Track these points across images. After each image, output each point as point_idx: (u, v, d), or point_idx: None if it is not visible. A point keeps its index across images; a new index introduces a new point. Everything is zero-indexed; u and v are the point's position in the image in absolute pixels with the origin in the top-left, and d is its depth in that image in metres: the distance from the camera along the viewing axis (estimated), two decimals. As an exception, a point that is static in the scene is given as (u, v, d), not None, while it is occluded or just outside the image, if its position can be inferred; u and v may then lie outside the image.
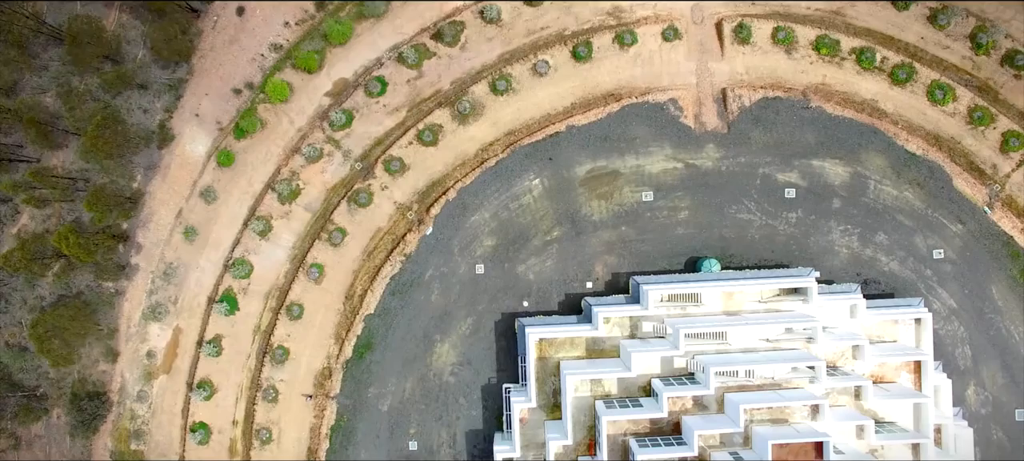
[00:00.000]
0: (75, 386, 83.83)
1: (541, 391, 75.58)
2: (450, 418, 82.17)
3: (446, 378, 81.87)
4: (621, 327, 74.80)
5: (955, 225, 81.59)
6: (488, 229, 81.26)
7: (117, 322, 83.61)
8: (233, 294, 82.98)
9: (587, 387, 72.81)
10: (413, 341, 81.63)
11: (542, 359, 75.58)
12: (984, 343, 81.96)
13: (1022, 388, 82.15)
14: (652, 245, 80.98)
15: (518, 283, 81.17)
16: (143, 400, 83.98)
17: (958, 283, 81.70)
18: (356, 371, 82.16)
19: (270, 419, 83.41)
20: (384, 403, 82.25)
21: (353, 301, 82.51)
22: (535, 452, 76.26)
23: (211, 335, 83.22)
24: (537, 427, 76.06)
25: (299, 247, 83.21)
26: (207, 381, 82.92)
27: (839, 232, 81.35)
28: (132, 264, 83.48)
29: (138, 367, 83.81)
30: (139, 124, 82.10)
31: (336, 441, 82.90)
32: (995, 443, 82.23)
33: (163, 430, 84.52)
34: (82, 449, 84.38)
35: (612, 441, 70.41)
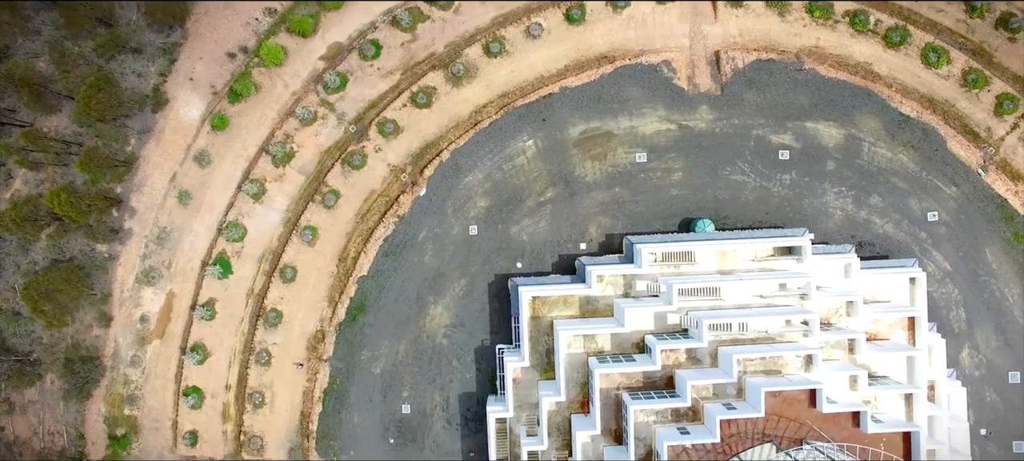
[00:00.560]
0: (68, 351, 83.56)
1: (534, 351, 75.29)
2: (443, 381, 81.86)
3: (439, 340, 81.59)
4: (615, 286, 74.53)
5: (949, 187, 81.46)
6: (482, 190, 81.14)
7: (110, 287, 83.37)
8: (226, 257, 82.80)
9: (580, 344, 72.51)
10: (406, 303, 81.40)
11: (535, 318, 75.33)
12: (978, 306, 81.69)
13: (1016, 351, 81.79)
14: (646, 206, 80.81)
15: (512, 244, 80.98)
16: (136, 365, 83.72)
17: (952, 245, 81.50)
18: (349, 333, 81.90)
19: (263, 383, 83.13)
20: (377, 366, 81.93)
21: (346, 263, 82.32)
22: (528, 412, 75.92)
23: (204, 299, 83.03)
24: (530, 387, 75.72)
25: (293, 210, 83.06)
26: (200, 345, 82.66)
27: (833, 194, 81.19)
28: (125, 228, 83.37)
29: (131, 332, 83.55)
30: (133, 88, 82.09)
31: (329, 404, 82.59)
32: (989, 405, 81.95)
33: (156, 395, 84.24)
34: (75, 414, 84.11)
35: (605, 395, 70.10)
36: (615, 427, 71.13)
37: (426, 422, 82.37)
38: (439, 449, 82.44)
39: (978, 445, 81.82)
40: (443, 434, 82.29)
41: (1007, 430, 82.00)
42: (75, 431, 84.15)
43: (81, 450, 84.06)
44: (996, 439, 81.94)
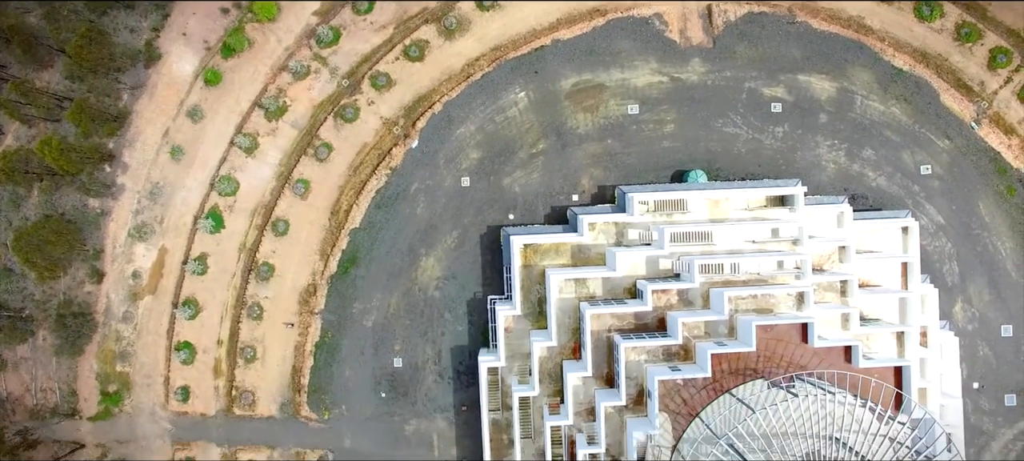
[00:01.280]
0: (60, 307, 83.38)
1: (526, 300, 75.09)
2: (435, 334, 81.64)
3: (431, 293, 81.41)
4: (606, 234, 74.38)
5: (942, 141, 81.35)
6: (474, 142, 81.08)
7: (103, 242, 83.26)
8: (219, 211, 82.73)
9: (572, 289, 72.32)
10: (398, 255, 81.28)
11: (527, 267, 75.14)
12: (971, 259, 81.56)
13: (1008, 304, 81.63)
14: (638, 158, 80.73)
15: (504, 196, 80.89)
16: (128, 321, 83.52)
17: (945, 199, 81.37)
18: (341, 286, 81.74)
19: (255, 337, 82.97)
20: (369, 319, 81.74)
21: (339, 216, 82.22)
22: (520, 362, 75.70)
23: (196, 253, 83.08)
24: (522, 337, 75.51)
25: (285, 164, 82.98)
26: (192, 300, 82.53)
27: (826, 147, 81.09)
28: (118, 184, 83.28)
29: (123, 288, 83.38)
30: (126, 43, 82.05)
31: (320, 358, 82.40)
32: (981, 359, 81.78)
33: (148, 351, 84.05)
34: (68, 370, 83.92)
35: (596, 338, 69.91)
36: (607, 370, 70.86)
37: (418, 376, 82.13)
38: (431, 403, 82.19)
39: (970, 399, 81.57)
40: (435, 388, 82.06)
41: (999, 383, 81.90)
42: (67, 388, 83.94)
43: (73, 406, 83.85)
44: (988, 392, 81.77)
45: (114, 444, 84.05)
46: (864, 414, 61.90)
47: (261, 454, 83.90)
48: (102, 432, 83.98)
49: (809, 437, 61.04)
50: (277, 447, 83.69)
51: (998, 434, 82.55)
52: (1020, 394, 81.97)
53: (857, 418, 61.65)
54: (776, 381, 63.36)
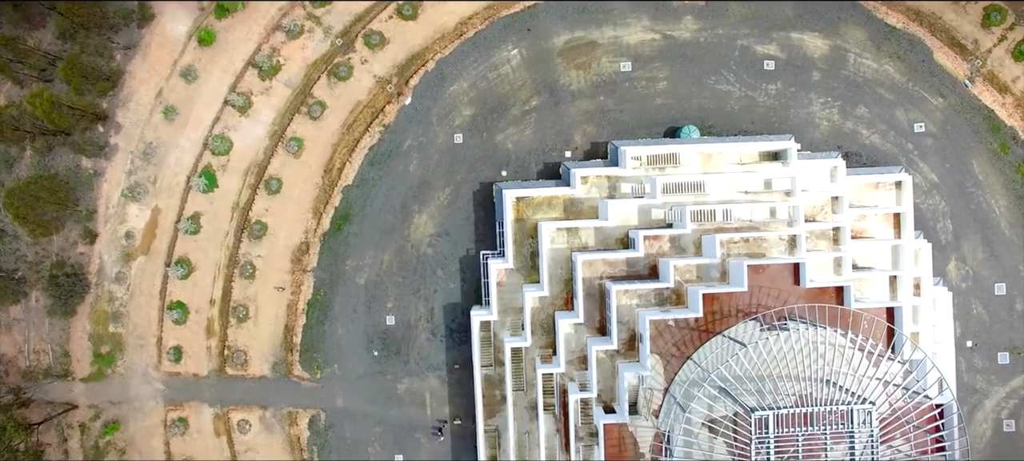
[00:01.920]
0: (53, 268, 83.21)
1: (519, 253, 75.03)
2: (428, 291, 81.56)
3: (424, 250, 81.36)
4: (599, 188, 74.33)
5: (936, 99, 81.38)
6: (467, 99, 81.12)
7: (95, 203, 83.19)
8: (212, 171, 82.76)
9: (564, 239, 72.25)
10: (391, 212, 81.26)
11: (520, 221, 75.09)
12: (965, 217, 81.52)
13: (1002, 262, 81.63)
14: (631, 115, 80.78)
15: (496, 152, 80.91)
16: (121, 282, 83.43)
17: (939, 157, 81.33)
18: (334, 243, 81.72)
19: (247, 296, 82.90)
20: (361, 276, 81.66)
21: (332, 174, 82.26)
22: (513, 317, 75.54)
23: (189, 213, 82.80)
24: (515, 291, 75.38)
25: (279, 123, 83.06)
26: (185, 259, 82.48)
27: (819, 104, 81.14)
28: (111, 144, 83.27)
29: (116, 248, 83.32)
30: (118, 3, 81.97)
31: (313, 316, 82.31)
32: (974, 317, 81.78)
33: (141, 312, 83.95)
34: (60, 332, 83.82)
35: (588, 285, 69.80)
36: (599, 318, 70.72)
37: (410, 334, 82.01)
38: (424, 361, 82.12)
39: (964, 357, 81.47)
40: (427, 346, 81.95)
41: (992, 341, 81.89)
42: (60, 349, 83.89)
43: (66, 368, 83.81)
44: (981, 351, 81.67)
45: (107, 405, 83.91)
46: (856, 356, 61.68)
47: (253, 414, 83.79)
48: (95, 393, 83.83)
49: (801, 380, 60.84)
50: (269, 407, 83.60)
51: (991, 392, 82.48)
52: (1013, 352, 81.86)
53: (849, 360, 61.41)
54: (768, 323, 63.14)
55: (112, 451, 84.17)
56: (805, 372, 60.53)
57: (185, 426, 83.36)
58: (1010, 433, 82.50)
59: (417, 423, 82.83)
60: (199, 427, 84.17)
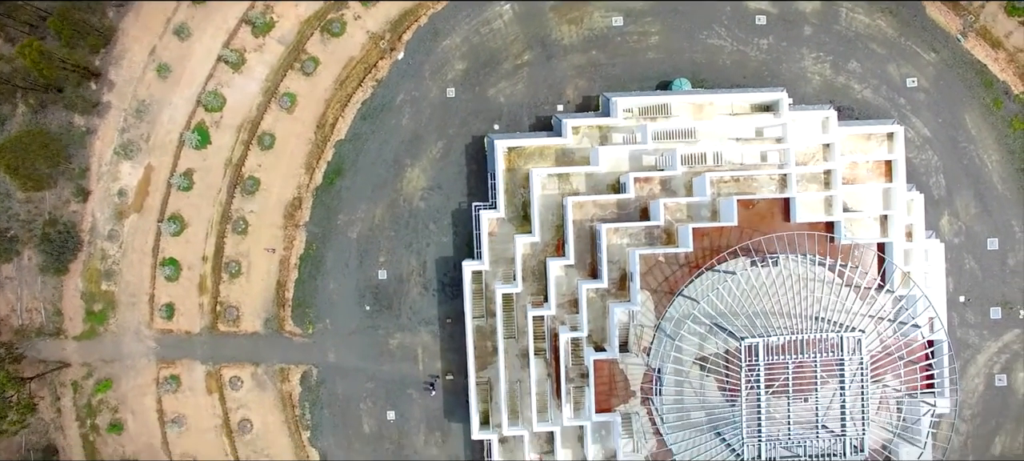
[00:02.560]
0: (45, 226, 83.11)
1: (510, 203, 75.04)
2: (420, 245, 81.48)
3: (416, 203, 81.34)
4: (591, 138, 74.41)
5: (928, 54, 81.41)
6: (459, 53, 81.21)
7: (88, 161, 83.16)
8: (205, 127, 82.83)
9: (555, 185, 72.29)
10: (383, 166, 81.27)
11: (511, 171, 75.17)
12: (958, 172, 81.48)
13: (994, 217, 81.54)
14: (622, 69, 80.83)
15: (489, 106, 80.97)
16: (114, 239, 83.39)
17: (932, 112, 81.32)
18: (326, 198, 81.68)
19: (239, 251, 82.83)
20: (354, 230, 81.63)
21: (325, 129, 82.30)
22: (504, 267, 75.45)
23: (182, 169, 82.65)
24: (506, 241, 75.35)
25: (272, 79, 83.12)
26: (178, 216, 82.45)
27: (811, 60, 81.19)
28: (104, 101, 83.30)
29: (109, 206, 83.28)
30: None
31: (305, 271, 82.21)
32: (967, 273, 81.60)
33: (134, 270, 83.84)
34: (53, 290, 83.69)
35: (578, 228, 69.78)
36: (590, 261, 70.69)
37: (402, 288, 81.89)
38: (415, 316, 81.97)
39: (957, 312, 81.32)
40: (419, 300, 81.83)
41: (984, 296, 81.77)
42: (53, 307, 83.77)
43: (58, 326, 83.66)
44: (974, 305, 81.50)
45: (99, 363, 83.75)
46: (847, 292, 61.54)
47: (245, 371, 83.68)
48: (87, 351, 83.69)
49: (792, 317, 60.66)
50: (261, 363, 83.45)
51: (983, 347, 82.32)
52: (1005, 307, 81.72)
53: (839, 296, 61.26)
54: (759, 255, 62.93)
55: (105, 409, 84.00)
56: (795, 308, 60.35)
57: (177, 384, 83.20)
58: (1002, 387, 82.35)
59: (409, 378, 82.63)
60: (191, 385, 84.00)
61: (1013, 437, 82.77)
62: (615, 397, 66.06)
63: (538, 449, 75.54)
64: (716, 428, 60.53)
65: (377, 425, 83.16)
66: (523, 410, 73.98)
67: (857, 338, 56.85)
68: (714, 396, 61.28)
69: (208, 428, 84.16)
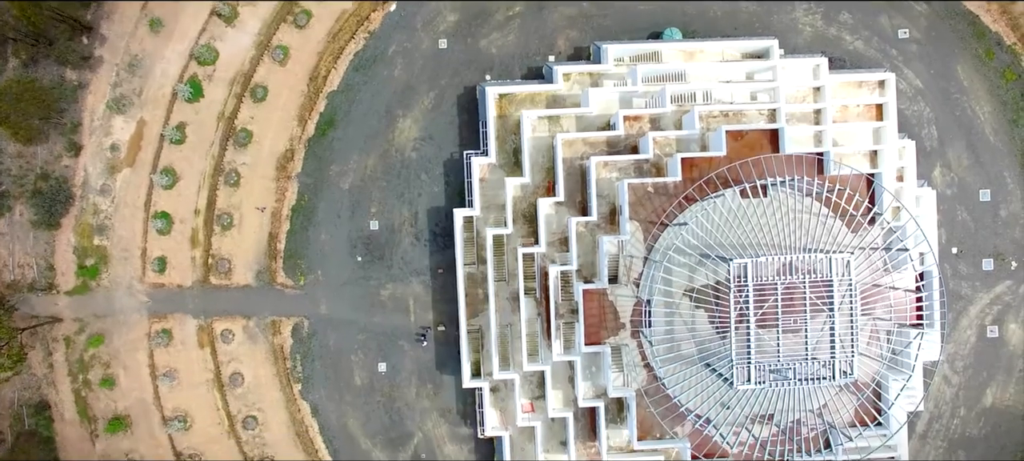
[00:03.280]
0: (37, 181, 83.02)
1: (501, 150, 75.07)
2: (412, 195, 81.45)
3: (408, 154, 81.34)
4: (581, 85, 74.49)
5: (920, 4, 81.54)
6: (451, 5, 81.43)
7: (80, 115, 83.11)
8: (198, 80, 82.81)
9: (545, 127, 72.19)
10: (375, 116, 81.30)
11: (502, 117, 75.28)
12: (950, 124, 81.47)
13: (986, 169, 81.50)
14: (613, 20, 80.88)
15: (480, 57, 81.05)
16: (106, 194, 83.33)
17: (923, 63, 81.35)
18: (318, 149, 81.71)
19: (231, 204, 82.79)
20: (345, 181, 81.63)
21: (317, 82, 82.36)
22: (496, 213, 75.40)
23: (175, 123, 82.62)
24: (497, 188, 75.34)
25: (265, 32, 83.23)
26: (170, 169, 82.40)
27: (802, 10, 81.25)
28: (96, 56, 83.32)
29: (101, 160, 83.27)
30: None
31: (297, 222, 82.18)
32: (959, 224, 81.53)
33: (126, 224, 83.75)
34: (45, 245, 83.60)
35: (568, 165, 69.71)
36: (580, 199, 70.70)
37: (394, 238, 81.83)
38: (407, 266, 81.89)
39: (949, 264, 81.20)
40: (411, 250, 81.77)
41: (977, 248, 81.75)
42: (45, 262, 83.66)
43: (51, 281, 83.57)
44: (966, 257, 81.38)
45: (91, 318, 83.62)
46: (837, 225, 61.45)
47: (237, 324, 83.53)
48: (79, 306, 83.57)
49: (782, 248, 60.45)
50: (253, 316, 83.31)
51: (976, 299, 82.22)
52: (997, 258, 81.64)
53: (829, 229, 61.17)
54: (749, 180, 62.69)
55: (97, 364, 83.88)
56: (786, 242, 60.12)
57: (169, 338, 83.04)
58: (993, 339, 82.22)
59: (401, 330, 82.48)
60: (183, 339, 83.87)
61: (1004, 388, 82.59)
62: (605, 329, 65.89)
63: (529, 395, 75.29)
64: (707, 361, 60.31)
65: (368, 377, 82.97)
66: (513, 354, 73.71)
67: (846, 260, 56.59)
68: (704, 329, 61.02)
69: (199, 382, 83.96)
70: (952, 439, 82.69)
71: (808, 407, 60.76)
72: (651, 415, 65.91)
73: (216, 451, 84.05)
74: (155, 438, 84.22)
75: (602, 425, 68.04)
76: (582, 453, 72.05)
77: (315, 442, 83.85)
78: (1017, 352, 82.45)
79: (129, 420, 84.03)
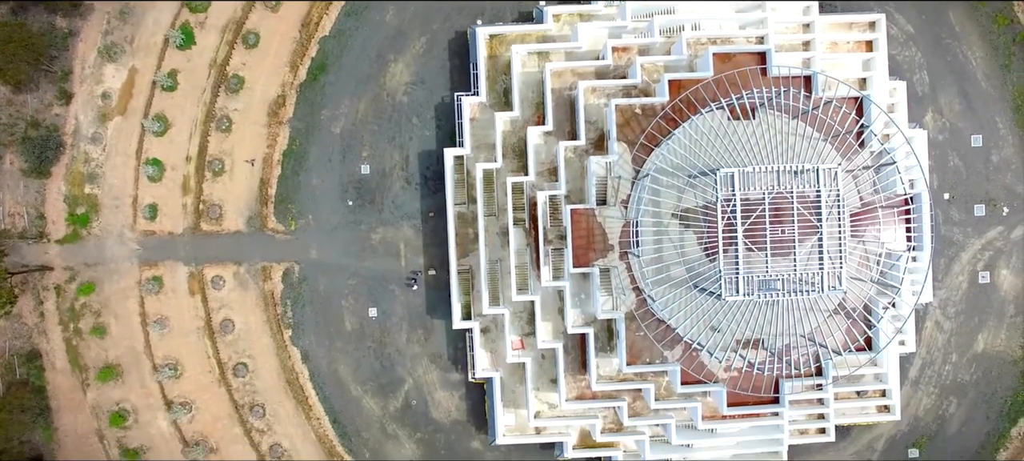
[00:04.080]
0: (27, 129, 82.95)
1: (491, 90, 75.15)
2: (403, 139, 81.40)
3: (399, 98, 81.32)
4: (571, 26, 74.39)
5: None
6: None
7: (71, 63, 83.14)
8: (190, 27, 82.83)
9: (535, 62, 72.19)
10: (367, 61, 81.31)
11: (493, 57, 75.37)
12: (941, 69, 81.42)
13: (978, 114, 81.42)
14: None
15: (471, 2, 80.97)
16: (97, 142, 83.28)
17: (915, 9, 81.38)
18: (310, 94, 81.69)
19: (223, 150, 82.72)
20: (337, 125, 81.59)
21: (309, 27, 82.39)
22: (486, 152, 75.31)
23: (167, 70, 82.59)
24: (487, 127, 75.31)
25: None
26: (162, 116, 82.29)
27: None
28: (86, 3, 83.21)
29: (92, 109, 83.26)
30: None
31: (288, 166, 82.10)
32: (951, 169, 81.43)
33: (117, 172, 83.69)
34: (36, 194, 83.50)
35: (557, 96, 69.64)
36: (569, 128, 70.59)
37: (385, 182, 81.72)
38: (398, 210, 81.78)
39: (941, 209, 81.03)
40: (402, 194, 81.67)
41: (969, 193, 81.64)
42: (35, 211, 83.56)
43: (41, 230, 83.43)
44: (958, 203, 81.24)
45: (82, 267, 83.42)
46: (826, 147, 61.35)
47: (227, 270, 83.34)
48: (70, 254, 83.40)
49: (771, 172, 60.16)
50: (244, 262, 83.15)
51: (967, 245, 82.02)
52: (989, 204, 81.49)
53: (819, 151, 61.07)
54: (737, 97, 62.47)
55: (88, 313, 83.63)
56: (775, 166, 59.73)
57: (159, 285, 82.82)
58: (985, 284, 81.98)
59: (391, 274, 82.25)
60: (174, 286, 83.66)
61: (995, 334, 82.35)
62: (593, 251, 65.67)
63: (519, 331, 75.03)
64: (695, 282, 60.03)
65: (359, 322, 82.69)
66: (503, 291, 73.47)
67: (833, 172, 56.43)
68: (694, 251, 60.80)
69: (190, 330, 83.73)
70: (944, 385, 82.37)
71: (799, 331, 60.28)
72: (640, 339, 65.64)
73: (206, 399, 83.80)
74: (146, 387, 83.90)
75: (592, 353, 67.67)
76: (572, 387, 71.68)
77: (305, 389, 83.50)
78: (1008, 297, 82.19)
79: (120, 369, 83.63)
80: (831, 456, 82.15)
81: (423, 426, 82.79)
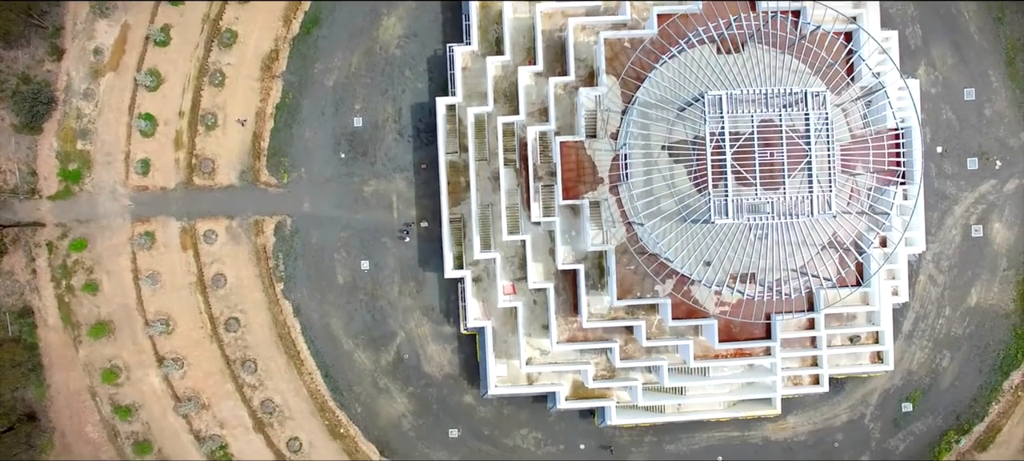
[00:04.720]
0: (18, 84, 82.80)
1: (484, 39, 75.29)
2: (396, 92, 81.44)
3: (392, 50, 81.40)
4: (563, -30, 74.49)
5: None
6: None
7: (62, 19, 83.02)
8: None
9: (526, 9, 72.25)
10: (360, 14, 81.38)
11: (485, 7, 75.19)
12: (934, 22, 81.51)
13: (971, 67, 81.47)
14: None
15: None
16: (90, 98, 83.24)
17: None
18: (303, 47, 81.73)
19: (216, 104, 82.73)
20: (330, 78, 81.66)
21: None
22: (478, 101, 75.26)
23: (160, 25, 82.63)
24: (479, 76, 75.33)
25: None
26: (155, 70, 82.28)
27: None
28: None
29: (85, 65, 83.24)
30: None
31: (281, 120, 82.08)
32: (944, 123, 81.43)
33: (110, 128, 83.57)
34: (27, 151, 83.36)
35: (548, 38, 69.70)
36: (559, 70, 70.60)
37: (378, 134, 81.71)
38: (391, 163, 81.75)
39: (934, 163, 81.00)
40: (395, 146, 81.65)
41: (962, 147, 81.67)
42: (27, 168, 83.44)
43: (33, 186, 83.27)
44: (951, 156, 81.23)
45: (74, 223, 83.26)
46: (815, 80, 61.33)
47: (220, 224, 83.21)
48: (62, 211, 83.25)
49: (760, 97, 60.10)
50: (236, 216, 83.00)
51: (960, 198, 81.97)
52: (982, 157, 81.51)
53: (808, 83, 61.04)
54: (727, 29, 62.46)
55: (80, 270, 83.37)
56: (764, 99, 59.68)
57: (152, 240, 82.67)
58: (978, 238, 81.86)
59: (383, 227, 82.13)
60: (166, 241, 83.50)
61: (988, 287, 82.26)
62: (583, 184, 65.56)
63: (510, 276, 74.85)
64: (686, 216, 59.86)
65: (351, 275, 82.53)
66: (495, 235, 73.33)
67: (822, 95, 56.37)
68: (684, 184, 60.69)
69: (182, 285, 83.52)
70: (937, 338, 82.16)
71: (790, 266, 60.15)
72: (631, 273, 65.46)
73: (198, 355, 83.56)
74: (138, 343, 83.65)
75: (582, 291, 67.46)
76: (564, 328, 71.41)
77: (297, 343, 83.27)
78: (1001, 251, 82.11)
79: (112, 325, 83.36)
80: (826, 412, 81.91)
81: (415, 380, 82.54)
